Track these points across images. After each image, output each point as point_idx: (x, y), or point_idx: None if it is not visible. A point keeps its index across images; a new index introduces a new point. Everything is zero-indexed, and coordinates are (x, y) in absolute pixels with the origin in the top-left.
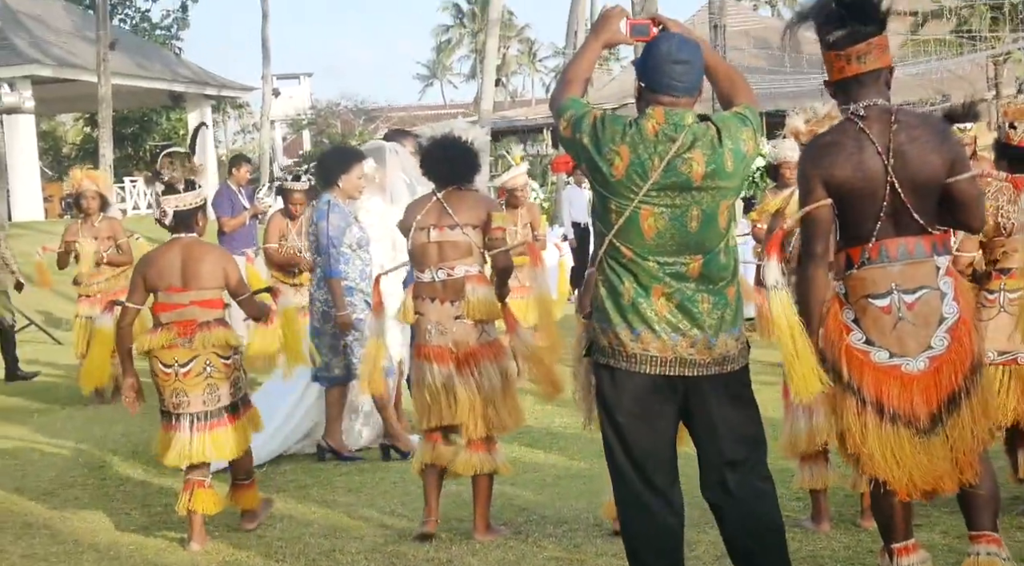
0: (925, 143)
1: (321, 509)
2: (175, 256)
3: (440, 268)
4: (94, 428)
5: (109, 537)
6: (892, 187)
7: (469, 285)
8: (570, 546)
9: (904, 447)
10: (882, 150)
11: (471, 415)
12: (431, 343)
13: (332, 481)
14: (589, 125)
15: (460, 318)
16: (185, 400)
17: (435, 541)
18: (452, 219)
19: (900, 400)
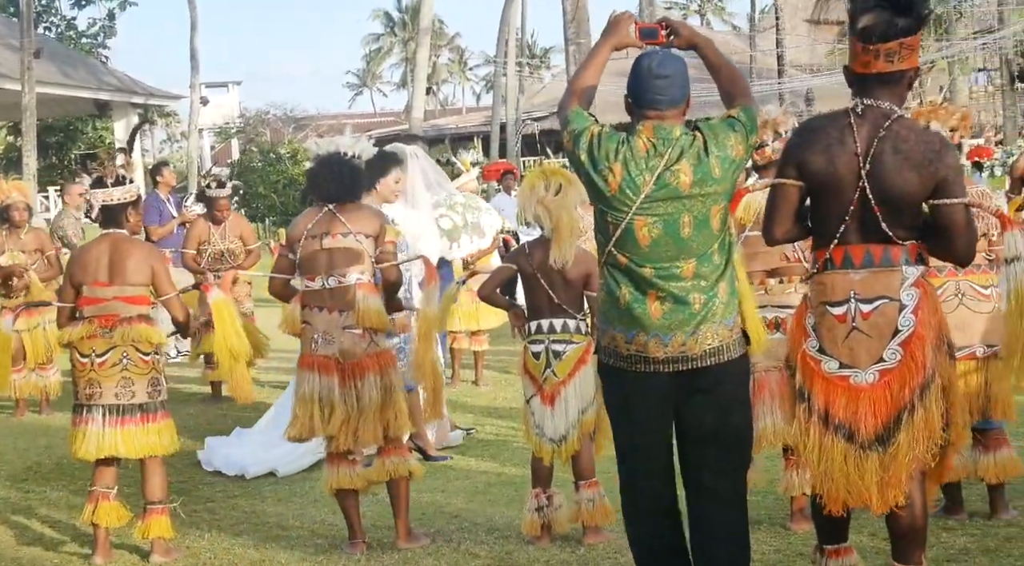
0: (907, 158)
1: (250, 520)
2: (102, 251)
3: (331, 275)
4: (18, 440)
5: (11, 553)
6: (863, 193)
7: (360, 293)
8: (502, 553)
9: (837, 460)
10: (861, 153)
11: (343, 429)
12: (317, 353)
13: (261, 491)
14: (587, 142)
15: (349, 328)
16: (98, 391)
17: (366, 550)
18: (345, 227)
19: (846, 412)
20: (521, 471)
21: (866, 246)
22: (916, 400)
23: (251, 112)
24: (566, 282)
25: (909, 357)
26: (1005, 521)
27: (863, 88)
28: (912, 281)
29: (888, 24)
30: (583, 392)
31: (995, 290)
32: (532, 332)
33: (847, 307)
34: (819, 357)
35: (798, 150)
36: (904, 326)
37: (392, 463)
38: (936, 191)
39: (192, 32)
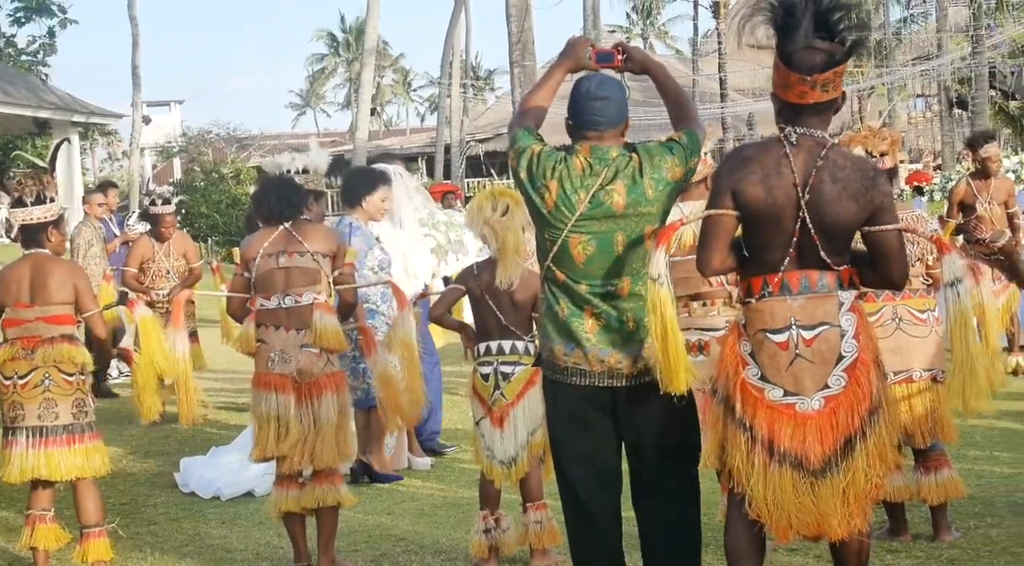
0: (845, 188)
1: (194, 542)
2: (24, 272)
3: (287, 295)
4: None
5: None
6: (803, 223)
7: (317, 313)
8: None
9: (787, 489)
10: (799, 183)
11: (298, 448)
12: (273, 371)
13: (205, 513)
14: (527, 160)
15: (306, 346)
16: (21, 413)
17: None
18: (302, 246)
19: (792, 440)
20: (469, 493)
21: (803, 272)
22: (867, 426)
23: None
24: (514, 304)
25: (855, 383)
26: (949, 543)
27: (795, 117)
28: (848, 306)
29: (826, 55)
30: (532, 414)
31: (932, 314)
32: (481, 354)
33: (788, 334)
34: (761, 385)
35: (732, 180)
36: (847, 352)
37: (322, 491)
38: (872, 218)
39: (134, 50)
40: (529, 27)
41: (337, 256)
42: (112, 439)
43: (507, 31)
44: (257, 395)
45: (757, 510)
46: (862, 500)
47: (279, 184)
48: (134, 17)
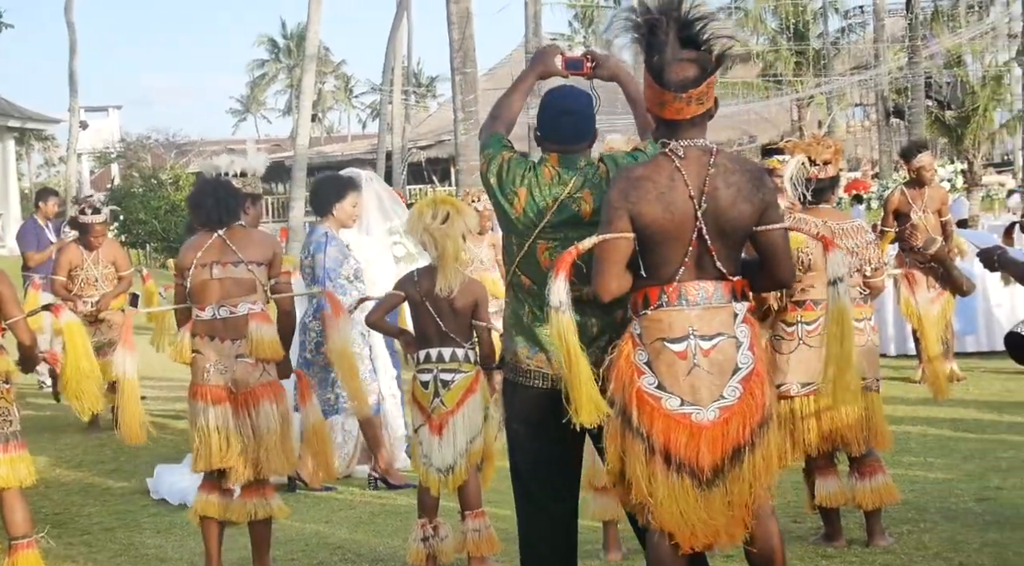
0: (739, 190)
1: (128, 552)
2: None
3: (222, 305)
4: None
5: None
6: (700, 232)
7: (253, 323)
8: None
9: (689, 499)
10: (695, 193)
11: (241, 459)
12: (209, 383)
13: (139, 522)
14: (497, 166)
15: (241, 357)
16: None
17: None
18: (236, 255)
19: (687, 450)
20: (407, 501)
21: (700, 283)
22: (756, 437)
23: (132, 137)
24: (454, 311)
25: (749, 394)
26: (882, 548)
27: (674, 132)
28: (742, 317)
29: (697, 69)
30: (471, 422)
31: (868, 323)
32: (421, 361)
33: (687, 344)
34: (658, 394)
35: (627, 203)
36: (743, 363)
37: (253, 504)
38: (762, 217)
39: (71, 55)
40: (470, 34)
41: (273, 264)
42: (45, 448)
43: (448, 38)
44: (194, 407)
45: (660, 520)
46: (744, 510)
47: (216, 188)
48: (71, 22)
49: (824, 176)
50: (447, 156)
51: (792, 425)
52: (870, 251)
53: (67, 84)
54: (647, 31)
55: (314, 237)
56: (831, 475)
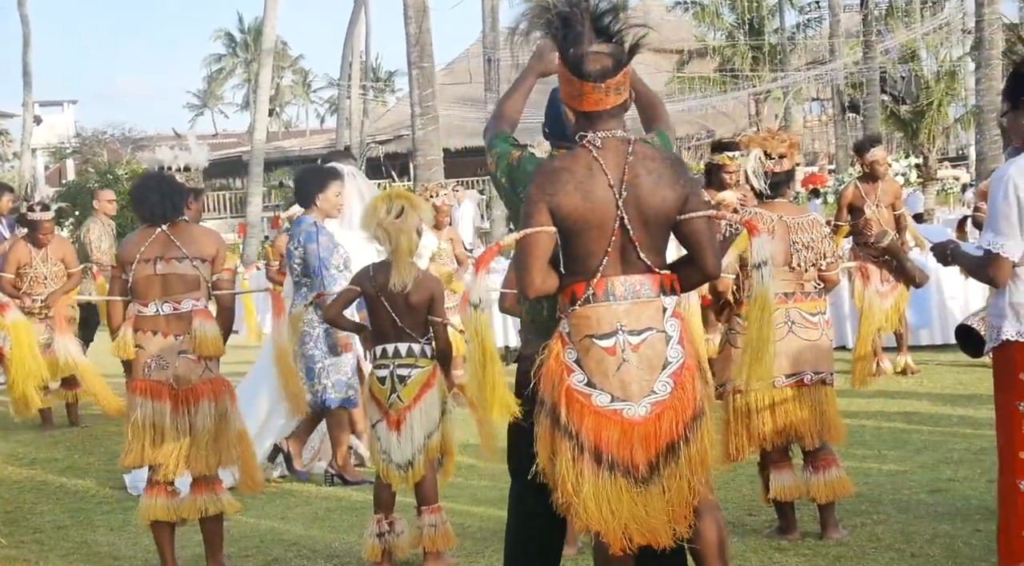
0: (660, 177)
1: (81, 550)
2: None
3: (165, 301)
4: None
5: None
6: (622, 222)
7: (196, 320)
8: None
9: (621, 497)
10: (614, 183)
11: (174, 456)
12: (150, 378)
13: (93, 520)
14: (506, 165)
15: (184, 353)
16: None
17: None
18: (180, 251)
19: (619, 447)
20: (363, 496)
21: (626, 277)
22: (690, 432)
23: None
24: (409, 306)
25: (680, 389)
26: (836, 541)
27: (593, 124)
28: (671, 311)
29: (612, 59)
30: (429, 417)
31: (822, 317)
32: (377, 357)
33: (615, 339)
34: (588, 391)
35: (546, 196)
36: (673, 358)
37: (204, 500)
38: (684, 206)
39: (25, 49)
40: (427, 28)
41: (216, 260)
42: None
43: (405, 32)
44: (132, 401)
45: (588, 520)
46: (685, 507)
47: (160, 182)
48: (25, 15)
49: (780, 170)
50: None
51: (747, 419)
52: (825, 245)
53: (20, 78)
54: (561, 24)
55: (303, 227)
56: (786, 469)
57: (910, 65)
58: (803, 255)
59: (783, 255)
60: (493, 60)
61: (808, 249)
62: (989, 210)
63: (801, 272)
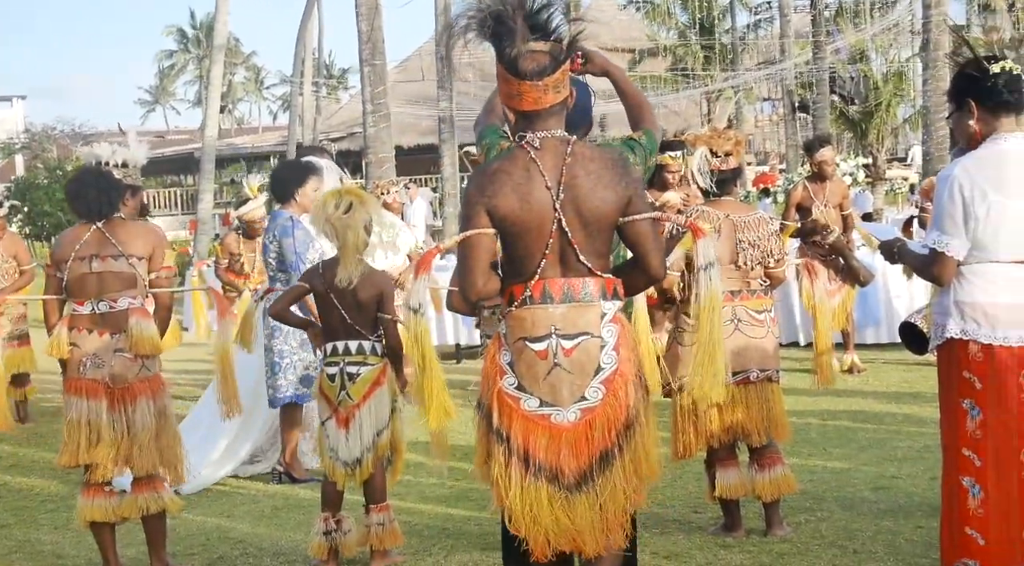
0: (599, 178)
1: (24, 549)
2: None
3: (101, 300)
4: None
5: None
6: (560, 224)
7: (133, 318)
8: None
9: (543, 504)
10: (552, 184)
11: (110, 455)
12: (85, 377)
13: (36, 518)
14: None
15: (120, 351)
16: None
17: None
18: (116, 249)
19: (547, 452)
20: (310, 494)
21: (565, 280)
22: (623, 440)
23: (37, 127)
24: (358, 303)
25: (612, 396)
26: (780, 538)
27: (532, 123)
28: (611, 316)
29: (550, 56)
30: (378, 415)
31: (768, 315)
32: (327, 354)
33: (548, 343)
34: (518, 395)
35: (484, 198)
36: (606, 364)
37: (145, 499)
38: (627, 208)
39: None
40: (379, 26)
41: (154, 258)
42: None
43: (357, 29)
44: (68, 400)
45: (516, 525)
46: (619, 515)
47: (98, 179)
48: None
49: (726, 168)
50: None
51: (695, 416)
52: (772, 243)
53: None
54: (495, 22)
55: (279, 222)
56: (732, 467)
57: (859, 66)
58: (749, 253)
59: (729, 253)
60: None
61: (754, 247)
62: (935, 209)
63: (747, 270)
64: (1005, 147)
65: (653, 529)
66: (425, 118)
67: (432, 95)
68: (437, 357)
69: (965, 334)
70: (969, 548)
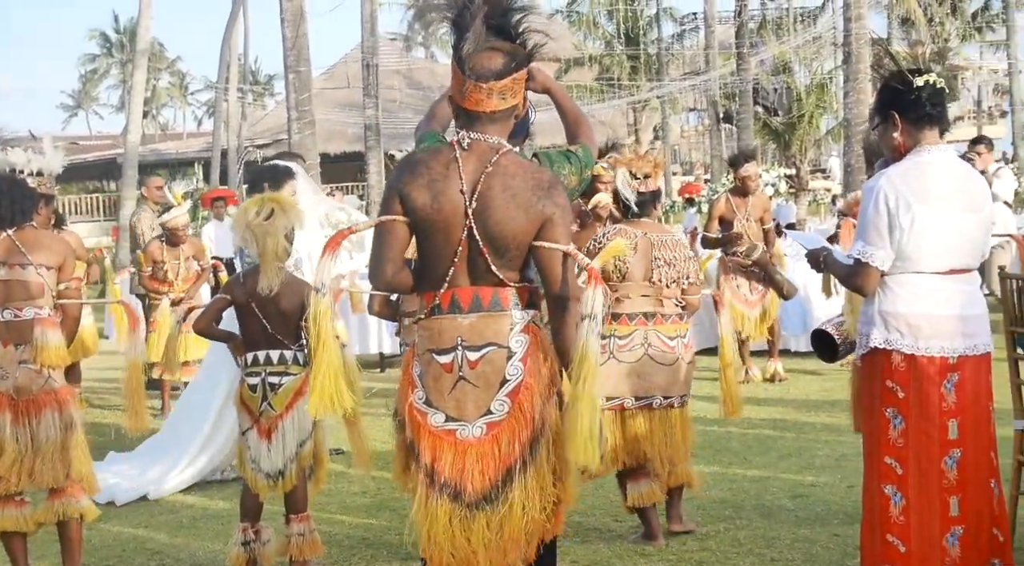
0: (514, 197)
1: None
2: None
3: (6, 308)
4: None
5: None
6: (471, 232)
7: (39, 329)
8: None
9: (440, 522)
10: (467, 190)
11: (14, 469)
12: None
13: None
14: None
15: (25, 362)
16: None
17: None
18: (24, 257)
19: (452, 469)
20: (229, 504)
21: (475, 289)
22: (527, 455)
23: None
24: (281, 312)
25: (517, 409)
26: (700, 545)
27: (470, 123)
28: (521, 326)
29: (505, 59)
30: (301, 426)
31: (681, 341)
32: (248, 364)
33: (454, 355)
34: (426, 410)
35: (400, 185)
36: (512, 375)
37: (62, 504)
38: (540, 231)
39: None
40: (304, 32)
41: (64, 268)
42: None
43: (282, 36)
44: None
45: (418, 542)
46: (517, 535)
47: (11, 187)
48: None
49: (645, 189)
50: None
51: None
52: (688, 266)
53: None
54: (458, 9)
55: None
56: (642, 477)
57: (783, 77)
58: (664, 271)
59: (644, 270)
60: (371, 66)
61: (670, 266)
62: (859, 220)
63: (661, 288)
64: (928, 159)
65: (574, 538)
66: (351, 125)
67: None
68: (334, 340)
69: (889, 344)
70: (890, 555)
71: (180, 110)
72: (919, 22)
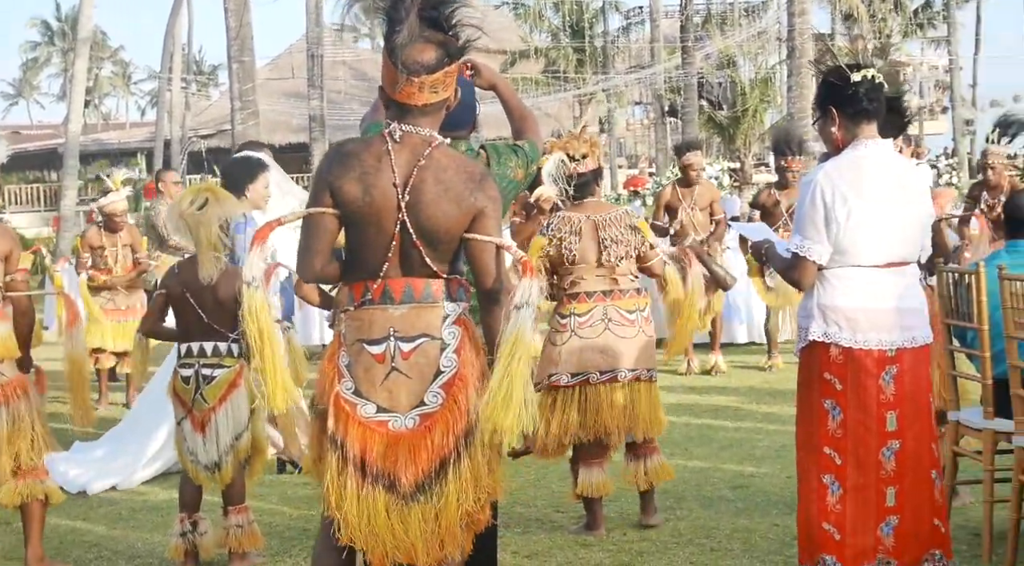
0: (447, 190)
1: None
2: None
3: None
4: None
5: None
6: (403, 225)
7: None
8: None
9: (380, 513)
10: (399, 183)
11: None
12: None
13: None
14: None
15: None
16: None
17: None
18: None
19: (384, 460)
20: (168, 495)
21: (407, 280)
22: (461, 447)
23: None
24: (217, 302)
25: (452, 401)
26: (640, 536)
27: (402, 115)
28: (454, 318)
29: (437, 53)
30: (236, 418)
31: (640, 314)
32: (182, 355)
33: (386, 346)
34: (355, 400)
35: (331, 177)
36: (446, 367)
37: (26, 486)
38: (473, 224)
39: None
40: (248, 22)
41: (10, 260)
42: None
43: (225, 26)
44: None
45: (350, 534)
46: (453, 527)
47: None
48: None
49: (584, 170)
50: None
51: (556, 414)
52: (633, 237)
53: None
54: (390, 6)
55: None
56: (595, 466)
57: (728, 71)
58: (613, 250)
59: (594, 253)
60: (316, 56)
61: (617, 244)
62: (796, 214)
63: (613, 267)
64: (864, 153)
65: (515, 528)
66: (296, 116)
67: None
68: (275, 332)
69: (827, 337)
70: (826, 543)
71: (123, 100)
72: (862, 18)
